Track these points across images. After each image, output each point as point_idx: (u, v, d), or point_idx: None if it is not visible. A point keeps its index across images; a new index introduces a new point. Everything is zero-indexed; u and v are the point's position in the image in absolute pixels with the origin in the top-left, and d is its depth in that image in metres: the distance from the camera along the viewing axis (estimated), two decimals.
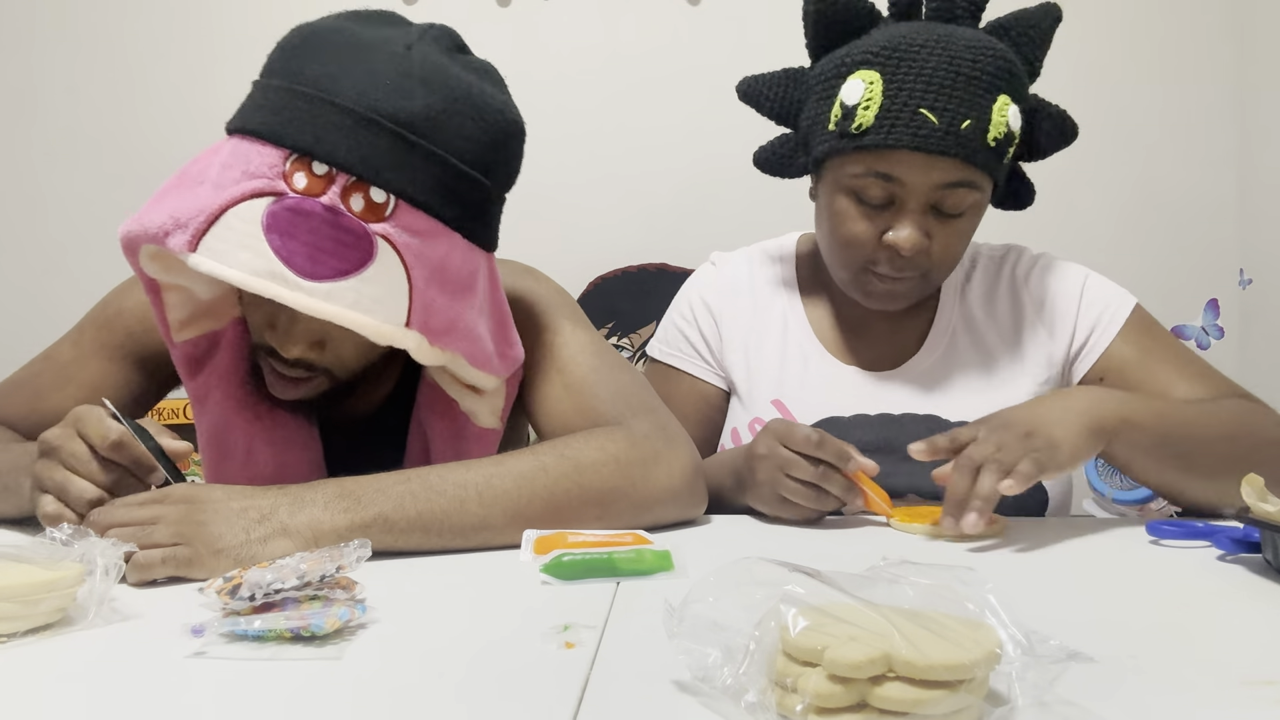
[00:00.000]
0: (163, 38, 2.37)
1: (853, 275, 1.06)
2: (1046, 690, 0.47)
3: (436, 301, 0.82)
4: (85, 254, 2.35)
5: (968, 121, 0.95)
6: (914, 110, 0.95)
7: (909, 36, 0.97)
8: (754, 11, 2.32)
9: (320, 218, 0.76)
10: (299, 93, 0.78)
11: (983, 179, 0.99)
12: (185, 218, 0.77)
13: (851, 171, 1.00)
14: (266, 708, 0.48)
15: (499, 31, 2.34)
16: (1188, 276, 2.31)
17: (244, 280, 0.75)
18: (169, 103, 2.36)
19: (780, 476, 0.90)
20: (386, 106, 0.77)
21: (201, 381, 0.92)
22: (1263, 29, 2.20)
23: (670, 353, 1.21)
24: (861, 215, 1.01)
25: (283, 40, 0.84)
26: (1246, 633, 0.62)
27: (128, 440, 0.76)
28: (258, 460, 0.93)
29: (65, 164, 2.38)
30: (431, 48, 0.83)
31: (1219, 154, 2.28)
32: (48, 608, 0.59)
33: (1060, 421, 0.88)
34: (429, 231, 0.80)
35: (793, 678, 0.43)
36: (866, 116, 0.97)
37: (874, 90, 0.97)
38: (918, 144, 0.95)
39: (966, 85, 0.95)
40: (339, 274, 0.77)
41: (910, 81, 0.96)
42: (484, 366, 0.89)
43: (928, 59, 0.96)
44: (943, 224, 1.01)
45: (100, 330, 1.00)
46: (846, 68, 1.00)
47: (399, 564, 0.76)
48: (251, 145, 0.78)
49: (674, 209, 2.34)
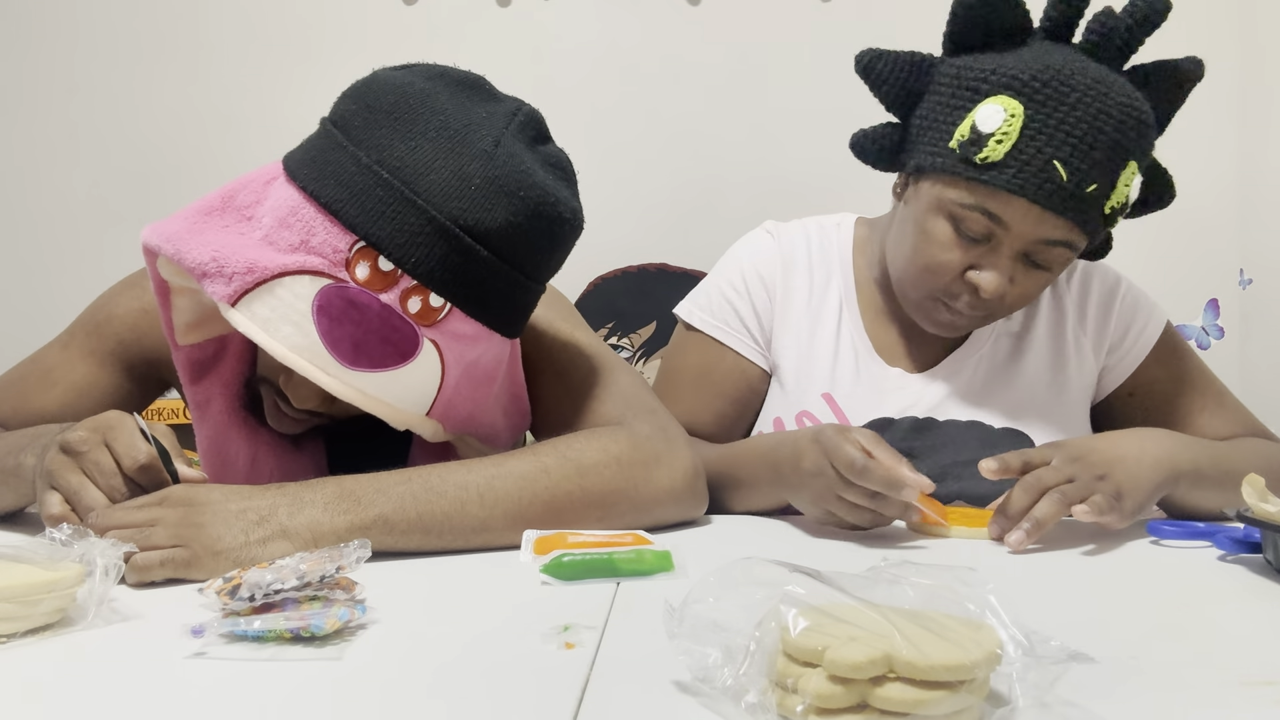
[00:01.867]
0: (163, 37, 2.37)
1: (921, 299, 1.02)
2: (1047, 691, 0.47)
3: (462, 395, 0.83)
4: (82, 255, 2.35)
5: (1094, 185, 0.90)
6: (1047, 160, 0.89)
7: (1063, 73, 0.90)
8: (754, 11, 2.32)
9: (375, 314, 0.75)
10: (380, 178, 0.75)
11: (1083, 241, 0.95)
12: (231, 268, 0.75)
13: (959, 199, 0.94)
14: (266, 708, 0.48)
15: (499, 31, 2.34)
16: (1188, 276, 2.31)
17: (284, 355, 0.75)
18: (169, 103, 2.36)
19: (831, 498, 0.85)
20: (468, 219, 0.76)
21: (203, 388, 0.91)
22: (1264, 29, 2.20)
23: (715, 324, 1.13)
24: (954, 244, 0.96)
25: (367, 93, 0.79)
26: (1247, 633, 0.62)
27: (154, 464, 0.75)
28: (261, 470, 0.93)
29: (65, 164, 2.38)
30: (517, 142, 0.80)
31: (1219, 154, 2.28)
32: (47, 608, 0.59)
33: (1135, 474, 0.86)
34: (474, 336, 0.80)
35: (793, 678, 0.43)
36: (997, 151, 0.91)
37: (1013, 125, 0.90)
38: (1040, 198, 0.90)
39: (1106, 147, 0.90)
40: (377, 367, 0.77)
41: (1052, 127, 0.89)
42: (491, 442, 0.91)
43: (1075, 105, 0.89)
44: (1028, 273, 0.96)
45: (90, 335, 0.99)
46: (989, 87, 0.92)
47: (399, 564, 0.76)
48: (317, 216, 0.75)
49: (674, 209, 2.34)
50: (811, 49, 2.31)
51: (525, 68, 2.31)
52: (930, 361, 1.10)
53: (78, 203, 2.38)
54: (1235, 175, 2.28)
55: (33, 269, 2.40)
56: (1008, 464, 0.87)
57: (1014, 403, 1.08)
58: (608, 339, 2.25)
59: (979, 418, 1.07)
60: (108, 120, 2.37)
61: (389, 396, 0.79)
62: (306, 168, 0.78)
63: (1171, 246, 2.30)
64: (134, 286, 1.00)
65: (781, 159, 2.32)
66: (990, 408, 1.08)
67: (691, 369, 1.14)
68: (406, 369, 0.78)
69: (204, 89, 2.34)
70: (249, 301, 0.75)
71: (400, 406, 0.80)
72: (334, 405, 0.85)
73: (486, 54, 2.13)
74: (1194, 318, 2.33)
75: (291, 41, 2.33)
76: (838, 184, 2.03)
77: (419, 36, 2.33)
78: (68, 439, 0.74)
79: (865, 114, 1.09)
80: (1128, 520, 0.86)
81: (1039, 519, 0.83)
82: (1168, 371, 1.08)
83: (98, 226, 2.36)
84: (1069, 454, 0.87)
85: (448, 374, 0.80)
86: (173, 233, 0.78)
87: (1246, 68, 2.25)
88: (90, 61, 2.38)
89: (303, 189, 0.77)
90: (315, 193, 0.76)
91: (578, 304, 2.22)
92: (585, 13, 2.35)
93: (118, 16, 2.37)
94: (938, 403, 1.08)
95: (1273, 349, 2.18)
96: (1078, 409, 1.10)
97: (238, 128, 2.30)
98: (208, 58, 2.35)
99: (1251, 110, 2.24)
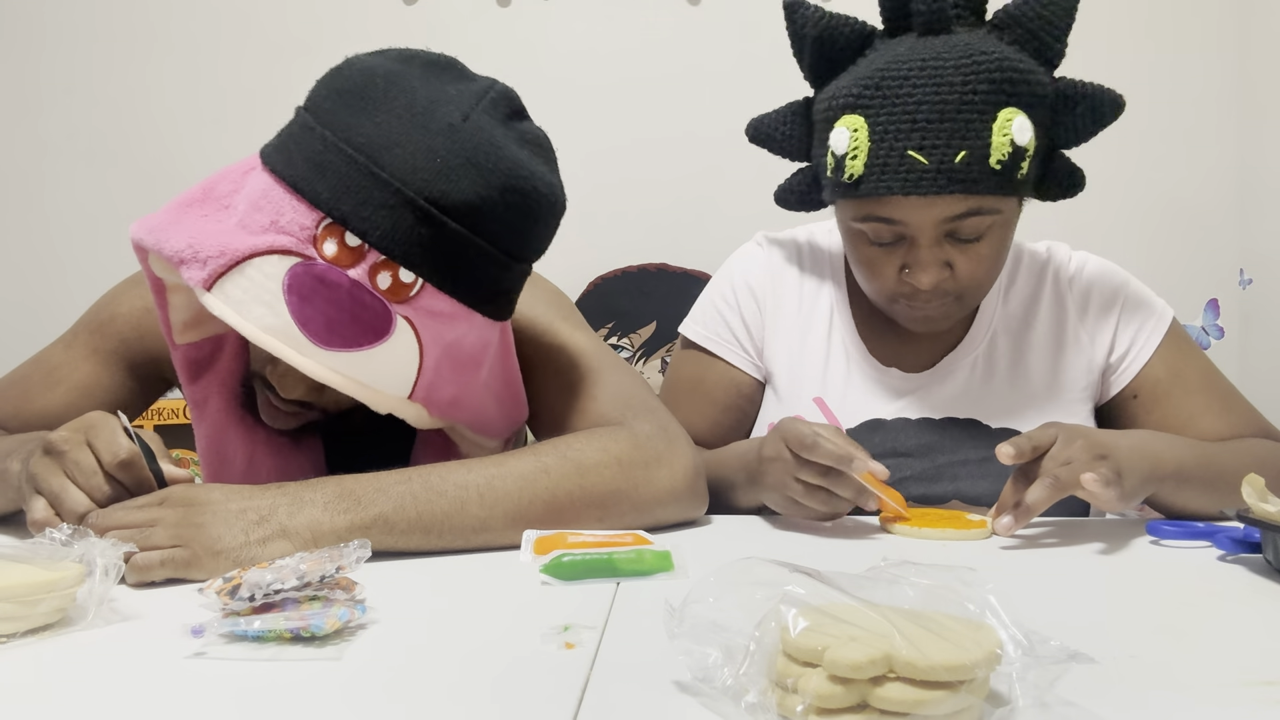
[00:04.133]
0: (163, 37, 2.36)
1: (886, 304, 1.04)
2: (1047, 691, 0.47)
3: (444, 378, 0.82)
4: (84, 255, 2.35)
5: (962, 154, 0.91)
6: (901, 154, 0.91)
7: (893, 68, 0.92)
8: (754, 11, 2.32)
9: (344, 290, 0.75)
10: (346, 155, 0.75)
11: (995, 201, 0.95)
12: (205, 253, 0.75)
13: (854, 217, 0.98)
14: (266, 708, 0.48)
15: (499, 31, 2.34)
16: (1188, 276, 2.31)
17: (256, 335, 0.74)
18: (169, 102, 2.36)
19: (789, 480, 0.88)
20: (433, 191, 0.75)
21: (201, 387, 0.91)
22: (1264, 29, 2.20)
23: (708, 336, 1.16)
24: (877, 255, 0.99)
25: (338, 78, 0.79)
26: (1246, 633, 0.62)
27: (136, 461, 0.75)
28: (259, 469, 0.93)
29: (65, 164, 2.38)
30: (489, 117, 0.79)
31: (1219, 154, 2.28)
32: (47, 608, 0.59)
33: (1131, 459, 0.87)
34: (451, 314, 0.79)
35: (793, 678, 0.43)
36: (856, 166, 0.94)
37: (859, 138, 0.93)
38: (909, 189, 0.91)
39: (956, 114, 0.90)
40: (351, 346, 0.76)
41: (895, 123, 0.91)
42: (485, 432, 0.90)
43: (911, 93, 0.91)
44: (962, 250, 0.97)
45: (93, 334, 0.99)
46: (834, 111, 0.97)
47: (399, 564, 0.76)
48: (286, 196, 0.75)
49: (673, 209, 2.34)
50: None
51: (525, 68, 2.30)
52: (927, 362, 1.10)
53: (77, 203, 2.38)
54: (1235, 175, 2.28)
55: (33, 269, 2.40)
56: (1021, 449, 0.86)
57: (1012, 402, 1.08)
58: (608, 339, 2.25)
59: (976, 417, 1.07)
60: (108, 120, 2.37)
61: (366, 377, 0.77)
62: (278, 152, 0.79)
63: (1172, 246, 2.30)
64: (137, 285, 1.00)
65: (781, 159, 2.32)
66: (988, 408, 1.07)
67: (686, 380, 1.17)
68: (381, 348, 0.77)
69: (204, 89, 2.34)
70: (222, 284, 0.75)
71: (379, 388, 0.79)
72: (323, 395, 0.85)
73: (486, 54, 2.13)
74: (1194, 318, 2.33)
75: (292, 42, 2.33)
76: None
77: (419, 36, 2.31)
78: (49, 439, 0.75)
79: None
80: (1126, 502, 0.87)
81: (1029, 504, 0.84)
82: (1171, 373, 1.08)
83: (97, 227, 2.36)
84: (1069, 434, 0.87)
85: (426, 354, 0.79)
86: (154, 225, 0.78)
87: (1247, 67, 2.25)
88: (90, 61, 2.37)
89: (272, 171, 0.77)
90: (283, 174, 0.76)
91: (578, 304, 2.22)
92: (585, 13, 2.35)
93: (118, 16, 2.37)
94: (935, 403, 1.08)
95: (1273, 349, 2.18)
96: (1078, 409, 1.09)
97: (238, 127, 2.30)
98: (208, 58, 2.35)
99: (1251, 110, 2.24)
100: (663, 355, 2.24)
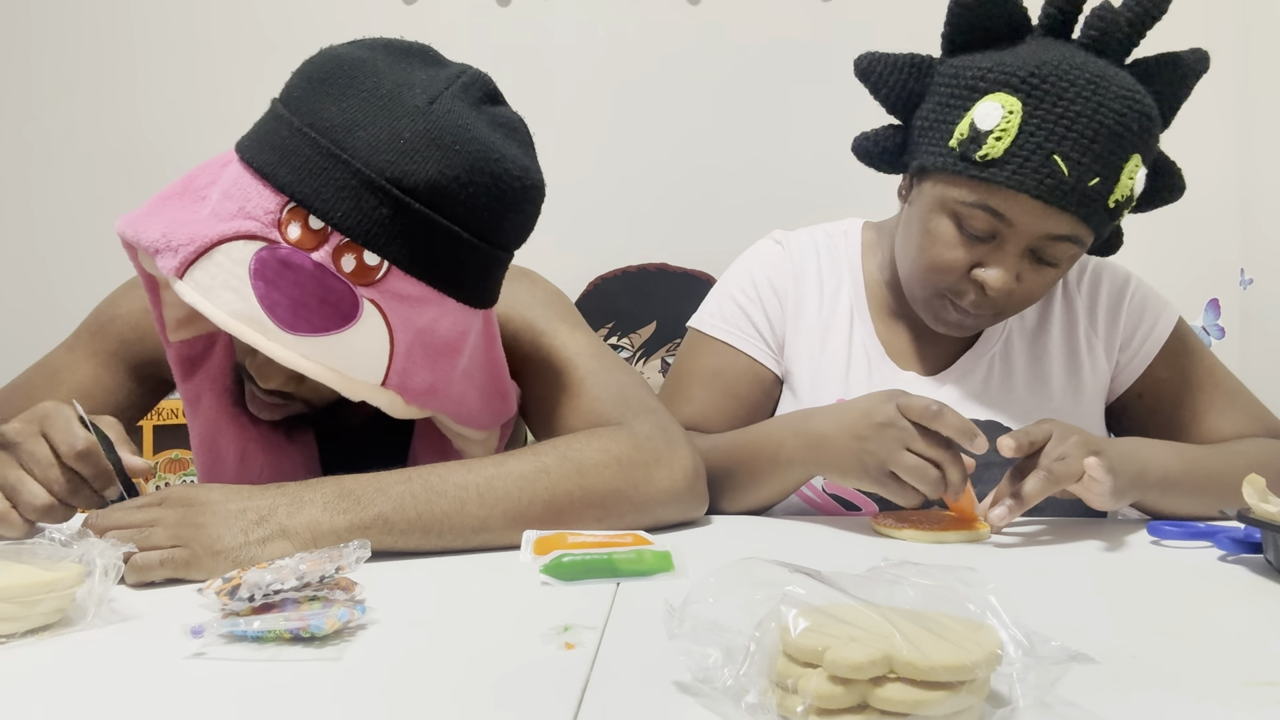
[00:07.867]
0: (162, 37, 2.36)
1: (929, 298, 1.02)
2: (1048, 691, 0.47)
3: (418, 364, 0.81)
4: (84, 255, 2.35)
5: (1096, 179, 0.90)
6: (1047, 155, 0.89)
7: (1060, 68, 0.90)
8: (754, 11, 2.32)
9: (308, 273, 0.74)
10: (309, 139, 0.75)
11: (1090, 236, 0.95)
12: (177, 241, 0.75)
13: (961, 197, 0.94)
14: (266, 708, 0.48)
15: (499, 31, 2.34)
16: (1188, 276, 2.31)
17: (223, 320, 0.74)
18: (169, 102, 2.36)
19: (898, 452, 0.84)
20: (395, 171, 0.74)
21: (195, 384, 0.92)
22: (1265, 29, 2.20)
23: (727, 329, 1.13)
24: (958, 243, 0.96)
25: (309, 65, 0.80)
26: (1247, 633, 0.61)
27: (94, 450, 0.75)
28: (251, 465, 0.93)
29: (64, 164, 2.38)
30: (458, 100, 0.78)
31: (1219, 154, 2.28)
32: (47, 608, 0.59)
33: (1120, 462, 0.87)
34: (420, 298, 0.78)
35: (793, 679, 0.43)
36: (996, 148, 0.91)
37: (1011, 121, 0.90)
38: (1042, 193, 0.90)
39: (1107, 140, 0.90)
40: (318, 330, 0.75)
41: (1051, 122, 0.89)
42: (468, 423, 0.89)
43: (1074, 100, 0.89)
44: (1035, 269, 0.96)
45: (94, 336, 1.00)
46: (986, 85, 0.93)
47: (399, 564, 0.76)
48: (253, 182, 0.76)
49: (673, 209, 2.34)
50: (812, 48, 2.31)
51: (525, 67, 2.31)
52: (943, 364, 1.10)
53: (76, 204, 2.38)
54: (1236, 175, 2.28)
55: (33, 269, 2.39)
56: (1021, 443, 0.86)
57: (1030, 404, 1.08)
58: (608, 339, 2.25)
59: (994, 418, 1.07)
60: (108, 120, 2.37)
61: (336, 363, 0.77)
62: (249, 141, 0.79)
63: (1172, 246, 2.30)
64: (137, 287, 1.00)
65: (782, 159, 2.32)
66: (1005, 408, 1.07)
67: (703, 370, 1.14)
68: (349, 332, 0.76)
69: (203, 89, 2.33)
70: (192, 271, 0.75)
71: (350, 374, 0.78)
72: (303, 385, 0.85)
73: (486, 54, 2.13)
74: (1194, 318, 2.33)
75: (291, 42, 2.32)
76: (838, 183, 2.03)
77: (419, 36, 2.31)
78: (3, 431, 0.74)
79: (866, 114, 1.09)
80: (1120, 499, 0.88)
81: (1024, 495, 0.84)
82: (1176, 371, 1.07)
83: (96, 228, 2.36)
84: (1063, 431, 0.87)
85: (396, 339, 0.78)
86: (134, 218, 0.78)
87: (1247, 67, 2.25)
88: (89, 61, 2.37)
89: (243, 160, 0.77)
90: (251, 161, 0.77)
91: (578, 304, 2.22)
92: (585, 13, 2.35)
93: (117, 16, 2.37)
94: (951, 405, 1.07)
95: (1273, 349, 2.18)
96: (1093, 410, 1.10)
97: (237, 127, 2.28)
98: (207, 57, 2.35)
99: (1252, 110, 2.24)
100: (663, 355, 2.24)
